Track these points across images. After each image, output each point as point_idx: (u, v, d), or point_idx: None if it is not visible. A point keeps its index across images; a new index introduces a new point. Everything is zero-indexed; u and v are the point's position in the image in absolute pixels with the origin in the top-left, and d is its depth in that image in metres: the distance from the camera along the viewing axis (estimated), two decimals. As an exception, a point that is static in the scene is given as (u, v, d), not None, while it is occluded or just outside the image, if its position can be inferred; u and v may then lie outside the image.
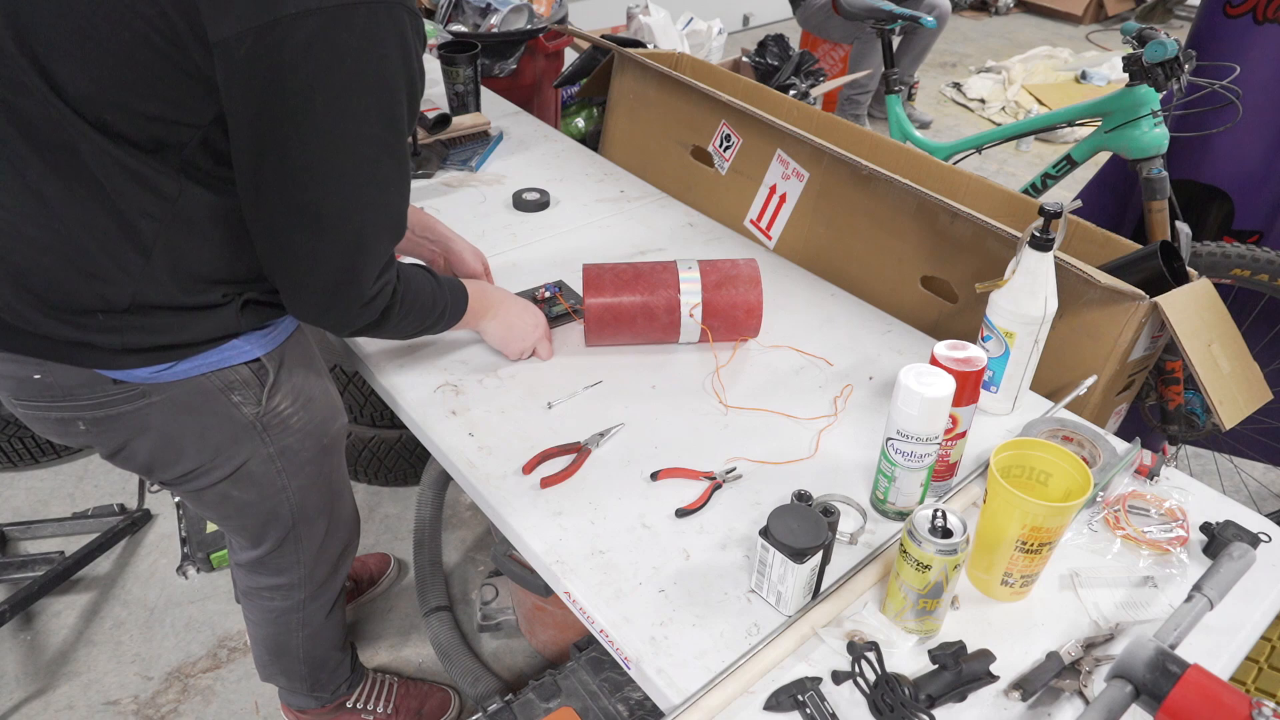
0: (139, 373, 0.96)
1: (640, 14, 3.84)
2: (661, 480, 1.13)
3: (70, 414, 0.98)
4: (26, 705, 1.71)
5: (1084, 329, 1.31)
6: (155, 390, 0.98)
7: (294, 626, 1.38)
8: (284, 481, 1.15)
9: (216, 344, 0.99)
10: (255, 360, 1.04)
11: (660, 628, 0.94)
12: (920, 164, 1.75)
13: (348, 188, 0.88)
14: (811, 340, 1.39)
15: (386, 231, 0.96)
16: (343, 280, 0.95)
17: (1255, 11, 1.79)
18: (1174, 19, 5.56)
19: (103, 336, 0.92)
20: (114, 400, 0.97)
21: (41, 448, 2.19)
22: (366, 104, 0.85)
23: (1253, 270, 1.68)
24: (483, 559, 2.04)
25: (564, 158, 1.93)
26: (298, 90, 0.81)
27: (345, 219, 0.90)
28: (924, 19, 2.69)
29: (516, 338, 1.29)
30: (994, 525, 0.93)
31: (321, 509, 1.25)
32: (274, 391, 1.06)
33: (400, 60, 0.85)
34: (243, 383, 1.03)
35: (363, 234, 0.93)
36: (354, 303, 0.97)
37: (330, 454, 1.21)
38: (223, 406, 1.03)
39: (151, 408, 0.99)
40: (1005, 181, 3.54)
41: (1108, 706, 0.75)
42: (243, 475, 1.10)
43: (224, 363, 1.01)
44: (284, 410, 1.09)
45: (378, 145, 0.88)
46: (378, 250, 0.96)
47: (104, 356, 0.94)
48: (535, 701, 1.39)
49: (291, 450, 1.13)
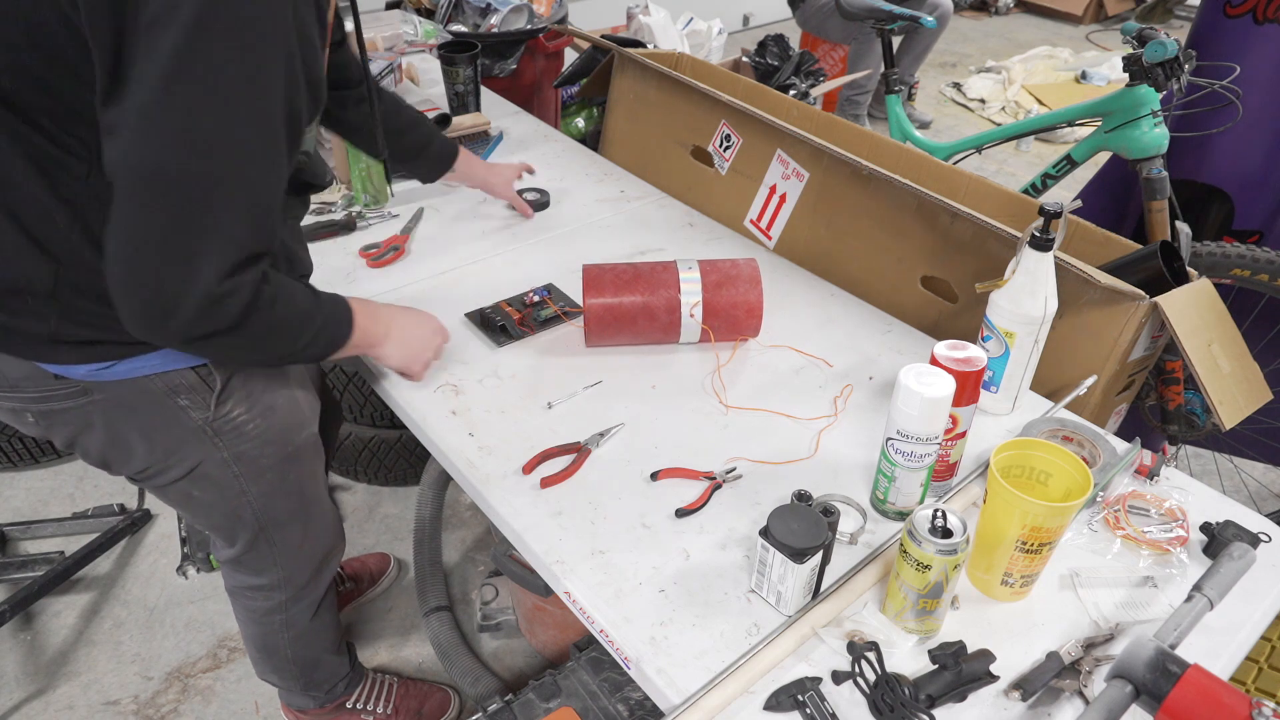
0: (77, 369, 0.94)
1: (640, 14, 3.84)
2: (661, 480, 1.13)
3: (19, 405, 0.98)
4: (26, 705, 1.71)
5: (1084, 329, 1.31)
6: (96, 389, 0.96)
7: (278, 627, 1.38)
8: (243, 486, 1.13)
9: (155, 347, 0.95)
10: (202, 365, 1.00)
11: (660, 628, 0.94)
12: (920, 164, 1.75)
13: (191, 145, 0.76)
14: (811, 340, 1.39)
15: (242, 215, 0.81)
16: (174, 262, 0.78)
17: (1255, 11, 1.79)
18: (1174, 19, 5.55)
19: (30, 322, 0.90)
20: (56, 395, 0.96)
21: (41, 448, 2.19)
22: (229, 49, 0.74)
23: (1253, 270, 1.68)
24: (483, 559, 2.04)
25: (564, 158, 1.93)
26: (150, 20, 0.72)
27: (187, 185, 0.77)
28: (924, 19, 2.69)
29: (417, 354, 1.19)
30: (994, 525, 0.93)
31: (293, 515, 1.24)
32: (225, 398, 1.04)
33: (282, 9, 0.77)
34: (189, 387, 1.01)
35: (207, 208, 0.78)
36: (190, 296, 0.79)
37: (296, 462, 1.19)
38: (169, 410, 1.01)
39: (94, 406, 0.98)
40: (1005, 181, 3.54)
41: (1108, 706, 0.75)
42: (199, 476, 1.09)
43: (166, 366, 0.98)
44: (237, 417, 1.06)
45: (237, 103, 0.76)
46: (227, 234, 0.80)
47: (37, 347, 0.92)
48: (535, 701, 1.39)
49: (249, 457, 1.11)
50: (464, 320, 1.41)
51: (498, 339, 1.36)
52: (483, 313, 1.40)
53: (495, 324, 1.37)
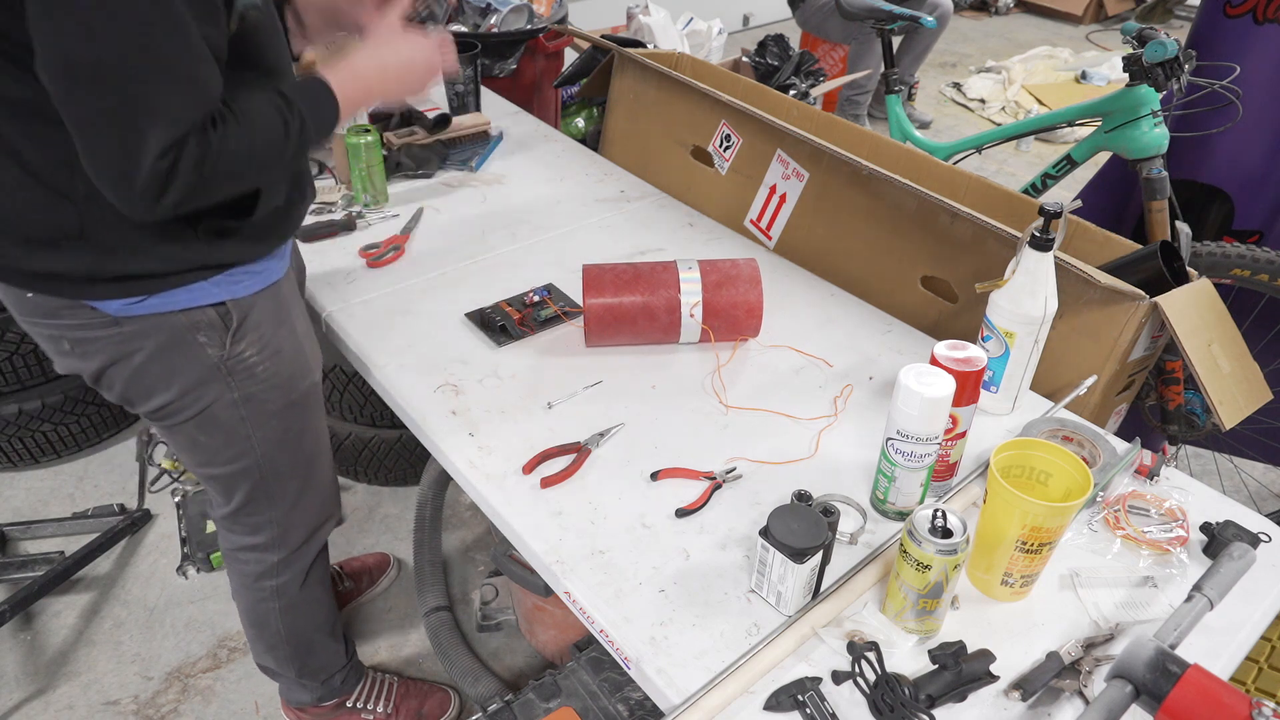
0: (111, 304, 1.01)
1: (640, 14, 3.84)
2: (661, 480, 1.13)
3: (57, 332, 1.05)
4: (26, 705, 1.71)
5: (1084, 329, 1.31)
6: (127, 322, 1.03)
7: (268, 595, 1.39)
8: (248, 430, 1.18)
9: (183, 277, 1.02)
10: (221, 304, 1.07)
11: (660, 628, 0.94)
12: (920, 164, 1.75)
13: (92, 34, 0.80)
14: (811, 340, 1.39)
15: (163, 86, 0.84)
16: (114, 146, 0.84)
17: (1255, 11, 1.79)
18: (1174, 19, 5.55)
19: (68, 265, 0.97)
20: (90, 324, 1.03)
21: (41, 448, 2.19)
22: None
23: (1253, 270, 1.68)
24: (483, 559, 2.04)
25: (564, 158, 1.93)
26: None
27: (100, 72, 0.81)
28: (924, 19, 2.69)
29: (421, 80, 1.13)
30: (994, 525, 0.93)
31: (294, 468, 1.27)
32: (238, 338, 1.10)
33: None
34: (208, 324, 1.07)
35: (125, 89, 0.82)
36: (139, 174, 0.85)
37: (300, 411, 1.23)
38: (189, 346, 1.07)
39: (123, 337, 1.05)
40: (1005, 181, 3.53)
41: (1108, 706, 0.75)
42: (207, 418, 1.14)
43: (191, 303, 1.05)
44: (249, 358, 1.12)
45: None
46: (153, 108, 0.84)
47: (76, 286, 0.99)
48: (535, 701, 1.39)
49: (257, 399, 1.16)
50: (464, 320, 1.41)
51: (498, 339, 1.36)
52: (483, 313, 1.40)
53: (495, 324, 1.37)
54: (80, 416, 2.20)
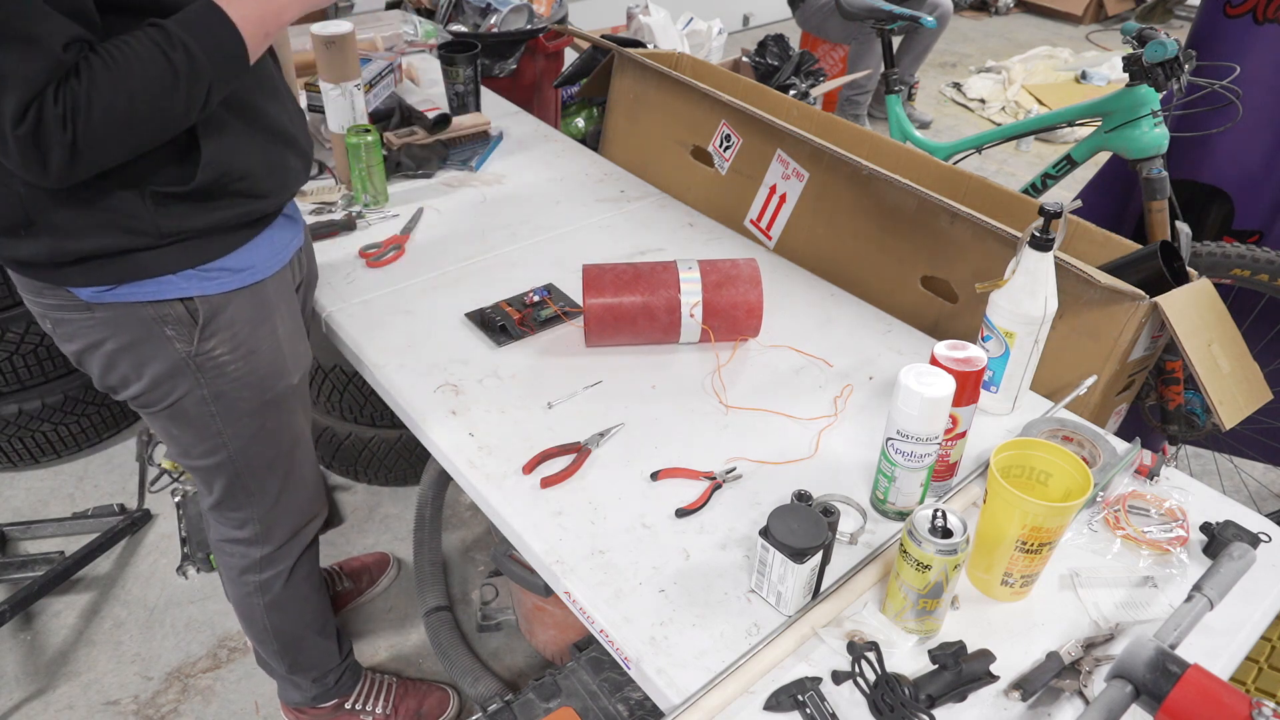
0: (84, 291, 1.02)
1: (640, 14, 3.84)
2: (661, 480, 1.13)
3: (42, 310, 1.08)
4: (26, 705, 1.71)
5: (1084, 329, 1.31)
6: (99, 308, 1.04)
7: (253, 590, 1.39)
8: (219, 426, 1.17)
9: (152, 263, 1.01)
10: (189, 300, 1.06)
11: (660, 628, 0.94)
12: (920, 164, 1.75)
13: None
14: (811, 340, 1.39)
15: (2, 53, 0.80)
16: None
17: (1255, 11, 1.79)
18: (1174, 19, 5.55)
19: (31, 251, 0.98)
20: (67, 307, 1.04)
21: (41, 448, 2.19)
22: None
23: (1253, 270, 1.69)
24: (483, 559, 2.04)
25: (564, 158, 1.93)
26: None
27: None
28: (924, 19, 2.69)
29: None
30: (994, 525, 0.93)
31: (272, 466, 1.27)
32: (208, 335, 1.09)
33: None
34: (177, 319, 1.07)
35: None
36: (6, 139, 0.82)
37: (276, 410, 1.22)
38: (158, 338, 1.07)
39: (96, 323, 1.05)
40: (1005, 181, 3.53)
41: (1108, 706, 0.75)
42: (178, 412, 1.15)
43: (158, 295, 1.04)
44: (219, 355, 1.11)
45: None
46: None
47: (46, 271, 1.01)
48: (535, 701, 1.39)
49: (228, 396, 1.15)
50: (464, 320, 1.41)
51: (498, 339, 1.36)
52: (483, 313, 1.40)
53: (495, 324, 1.37)
54: (80, 416, 2.20)
